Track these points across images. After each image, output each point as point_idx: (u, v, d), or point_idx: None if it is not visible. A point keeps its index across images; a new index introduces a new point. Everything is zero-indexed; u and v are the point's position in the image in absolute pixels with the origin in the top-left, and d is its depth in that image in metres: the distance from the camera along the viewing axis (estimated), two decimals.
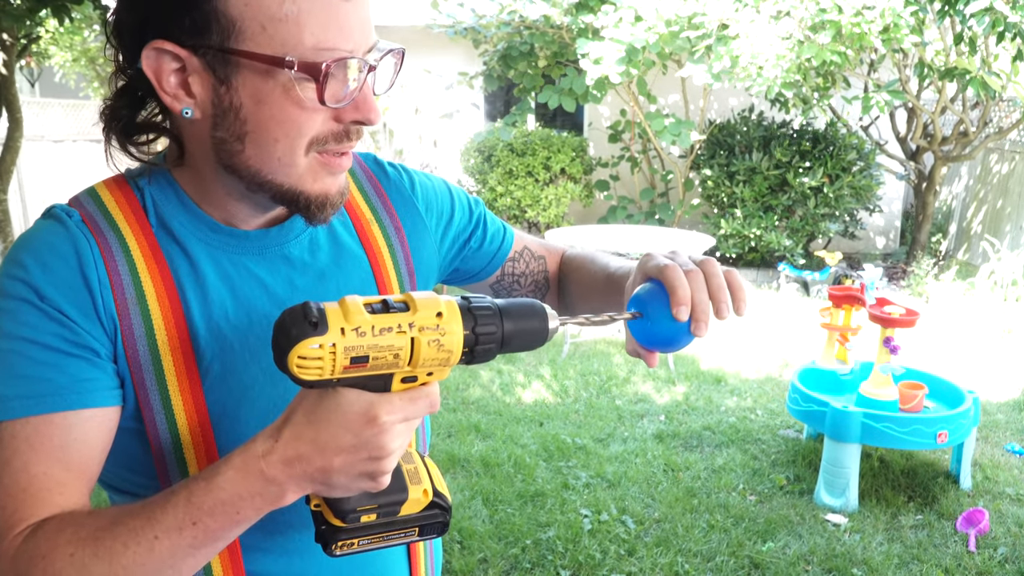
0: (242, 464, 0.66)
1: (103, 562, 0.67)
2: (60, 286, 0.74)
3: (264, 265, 0.83)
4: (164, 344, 0.76)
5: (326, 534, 0.72)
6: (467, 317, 0.66)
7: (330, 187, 0.77)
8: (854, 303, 3.45)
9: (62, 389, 0.72)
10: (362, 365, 0.62)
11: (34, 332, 0.72)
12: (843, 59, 5.65)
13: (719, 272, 0.76)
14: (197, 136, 0.76)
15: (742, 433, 3.97)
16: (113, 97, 0.78)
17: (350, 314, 0.62)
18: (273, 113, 0.72)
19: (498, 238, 1.07)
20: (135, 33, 0.72)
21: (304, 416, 0.66)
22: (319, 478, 0.66)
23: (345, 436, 0.65)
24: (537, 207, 8.29)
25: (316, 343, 0.60)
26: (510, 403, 4.37)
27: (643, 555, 2.90)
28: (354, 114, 0.74)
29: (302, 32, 0.69)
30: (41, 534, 0.69)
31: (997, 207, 7.39)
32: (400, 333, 0.63)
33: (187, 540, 0.67)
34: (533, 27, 7.86)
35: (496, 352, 0.68)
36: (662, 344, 0.77)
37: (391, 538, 0.75)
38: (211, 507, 0.67)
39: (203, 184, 0.80)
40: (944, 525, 3.10)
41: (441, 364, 0.66)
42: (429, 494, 0.74)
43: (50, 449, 0.71)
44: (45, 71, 11.80)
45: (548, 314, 0.70)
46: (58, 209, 0.78)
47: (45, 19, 5.40)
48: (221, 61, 0.70)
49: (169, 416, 0.76)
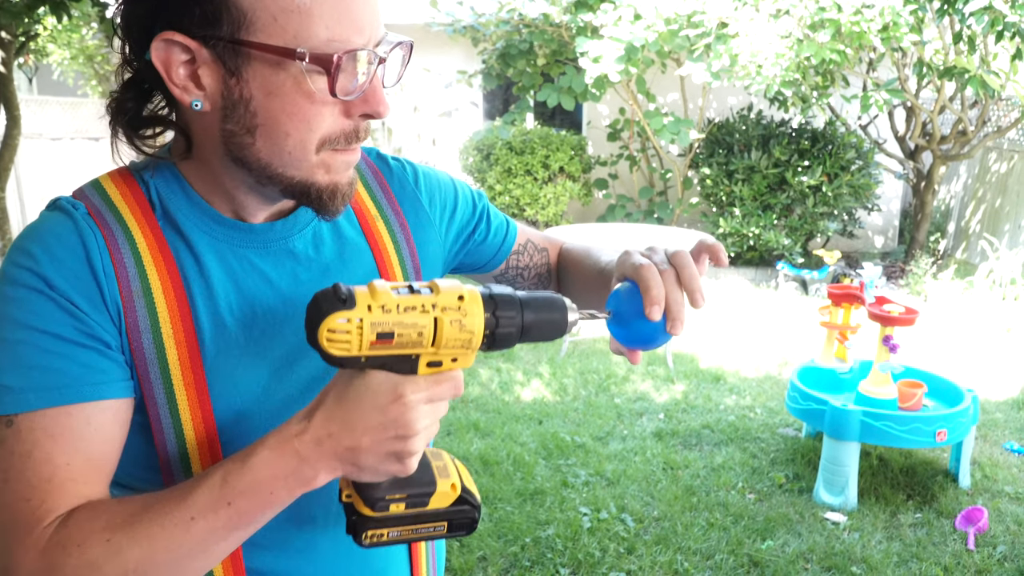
0: (276, 444, 0.68)
1: (140, 545, 0.67)
2: (68, 276, 0.73)
3: (268, 259, 0.83)
4: (169, 337, 0.76)
5: (356, 524, 0.74)
6: (488, 302, 0.69)
7: (340, 179, 0.78)
8: (853, 301, 3.45)
9: (78, 380, 0.72)
10: (388, 342, 0.65)
11: (46, 322, 0.72)
12: (842, 58, 5.65)
13: (690, 263, 0.77)
14: (206, 128, 0.75)
15: (741, 431, 3.97)
16: (119, 90, 0.77)
17: (377, 293, 0.65)
18: (284, 105, 0.71)
19: (502, 231, 1.07)
20: (144, 24, 0.72)
21: (335, 398, 0.68)
22: (348, 458, 0.68)
23: (373, 415, 0.67)
24: (536, 206, 8.28)
25: (344, 317, 0.64)
26: (509, 401, 4.37)
27: (642, 553, 2.90)
28: (363, 107, 0.74)
29: (314, 24, 0.68)
30: (72, 523, 0.69)
31: (996, 206, 7.40)
32: (424, 312, 0.66)
33: (222, 521, 0.68)
34: (532, 25, 7.86)
35: (516, 339, 0.71)
36: (640, 343, 0.79)
37: (420, 531, 0.76)
38: (246, 487, 0.67)
39: (210, 177, 0.79)
40: (943, 523, 3.11)
41: (464, 346, 0.69)
42: (457, 488, 0.76)
43: (71, 440, 0.71)
44: (43, 69, 11.78)
45: (568, 306, 0.73)
46: (64, 201, 0.78)
47: (43, 16, 5.38)
48: (232, 52, 0.70)
49: (173, 411, 0.76)
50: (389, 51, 0.75)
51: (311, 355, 0.83)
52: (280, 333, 0.82)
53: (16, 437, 0.70)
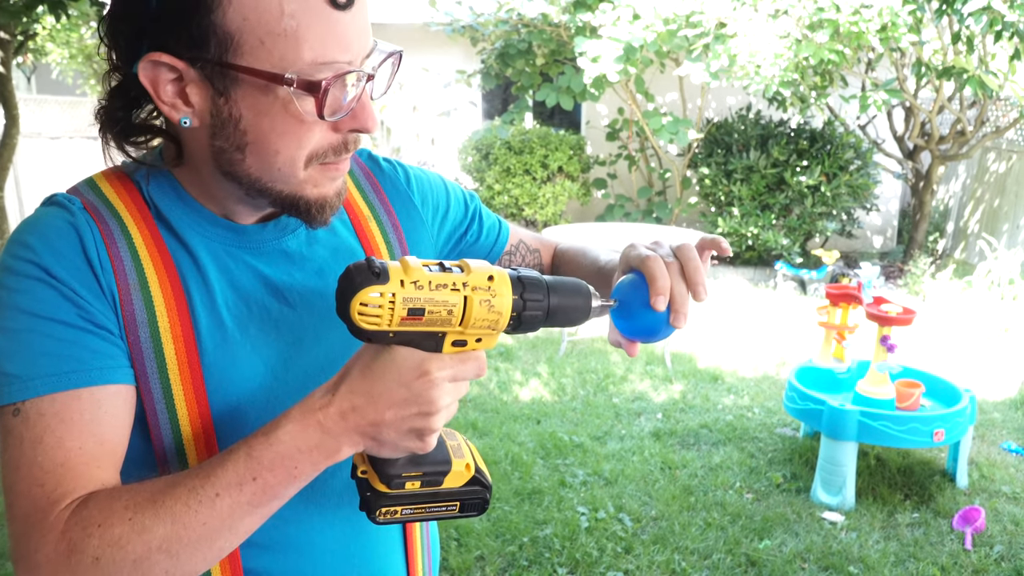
0: (300, 417, 0.68)
1: (164, 523, 0.67)
2: (68, 266, 0.73)
3: (262, 259, 0.83)
4: (166, 331, 0.76)
5: (371, 500, 0.74)
6: (516, 284, 0.69)
7: (328, 191, 0.78)
8: (851, 301, 3.45)
9: (86, 365, 0.72)
10: (418, 318, 0.66)
11: (51, 310, 0.72)
12: (841, 58, 5.66)
13: (695, 256, 0.78)
14: (196, 141, 0.76)
15: (739, 431, 3.97)
16: (107, 97, 0.77)
17: (409, 269, 0.66)
18: (274, 125, 0.72)
19: (494, 232, 1.08)
20: (131, 41, 0.72)
21: (360, 371, 0.69)
22: (370, 432, 0.69)
23: (398, 389, 0.67)
24: (535, 205, 8.29)
25: (377, 291, 0.64)
26: (507, 401, 4.37)
27: (640, 553, 2.90)
28: (352, 123, 0.75)
29: (301, 47, 0.68)
30: (93, 504, 0.68)
31: (994, 206, 7.40)
32: (454, 291, 0.66)
33: (246, 496, 0.68)
34: (531, 25, 7.86)
35: (542, 322, 0.71)
36: (642, 334, 0.79)
37: (433, 510, 0.77)
38: (271, 461, 0.68)
39: (202, 183, 0.80)
40: (940, 523, 3.11)
41: (490, 327, 0.69)
42: (471, 469, 0.77)
43: (82, 424, 0.71)
44: (42, 68, 11.78)
45: (591, 292, 0.74)
46: (60, 197, 0.78)
47: (42, 16, 5.38)
48: (219, 74, 0.70)
49: (170, 405, 0.76)
50: (379, 65, 0.75)
51: (306, 352, 0.83)
52: (276, 330, 0.82)
53: (25, 424, 0.70)
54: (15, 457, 0.70)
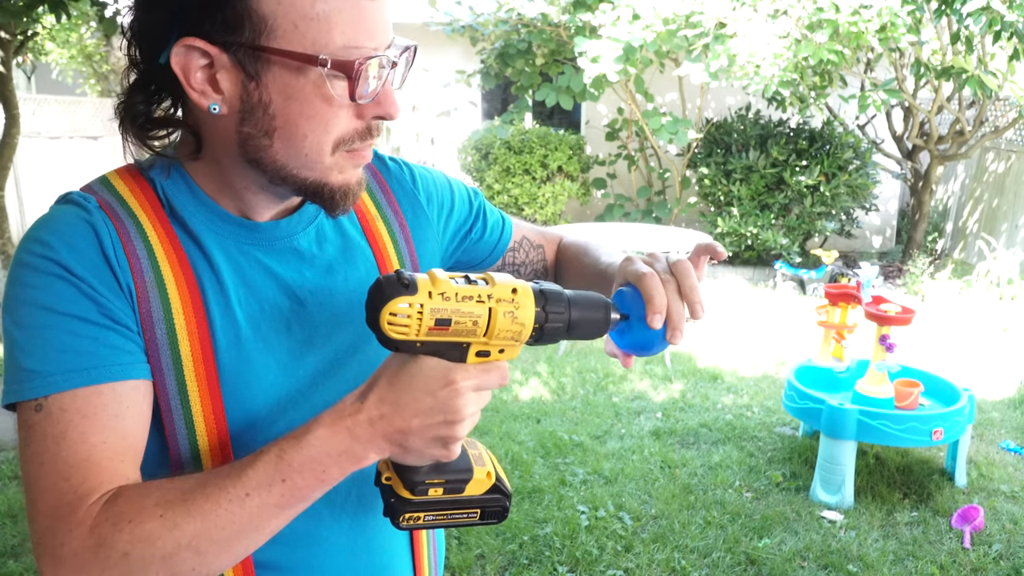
0: (331, 422, 0.70)
1: (195, 520, 0.68)
2: (85, 263, 0.74)
3: (274, 256, 0.84)
4: (182, 328, 0.77)
5: (395, 506, 0.76)
6: (539, 297, 0.72)
7: (351, 178, 0.80)
8: (850, 301, 3.46)
9: (107, 360, 0.73)
10: (444, 329, 0.68)
11: (70, 306, 0.72)
12: (840, 58, 5.67)
13: (691, 274, 0.79)
14: (221, 131, 0.77)
15: (738, 430, 3.98)
16: (127, 93, 0.78)
17: (437, 281, 0.68)
18: (303, 109, 0.73)
19: (498, 228, 1.08)
20: (161, 30, 0.73)
21: (387, 380, 0.71)
22: (397, 439, 0.70)
23: (424, 398, 0.69)
24: (534, 205, 8.29)
25: (406, 302, 0.66)
26: (507, 400, 4.38)
27: (640, 551, 2.91)
28: (376, 109, 0.77)
29: (332, 31, 0.71)
30: (123, 500, 0.69)
31: (993, 206, 7.42)
32: (480, 303, 0.69)
33: (275, 498, 0.69)
34: (531, 25, 7.86)
35: (563, 334, 0.73)
36: (637, 348, 0.81)
37: (454, 517, 0.79)
38: (300, 464, 0.69)
39: (220, 177, 0.81)
40: (939, 522, 3.12)
41: (513, 338, 0.71)
42: (492, 477, 0.79)
43: (105, 419, 0.72)
44: (42, 67, 11.77)
45: (610, 306, 0.76)
46: (75, 195, 0.79)
47: (42, 15, 5.38)
48: (252, 58, 0.72)
49: (184, 402, 0.77)
50: (399, 55, 0.77)
51: (317, 349, 0.84)
52: (287, 327, 0.83)
53: (48, 420, 0.70)
54: (38, 452, 0.70)
